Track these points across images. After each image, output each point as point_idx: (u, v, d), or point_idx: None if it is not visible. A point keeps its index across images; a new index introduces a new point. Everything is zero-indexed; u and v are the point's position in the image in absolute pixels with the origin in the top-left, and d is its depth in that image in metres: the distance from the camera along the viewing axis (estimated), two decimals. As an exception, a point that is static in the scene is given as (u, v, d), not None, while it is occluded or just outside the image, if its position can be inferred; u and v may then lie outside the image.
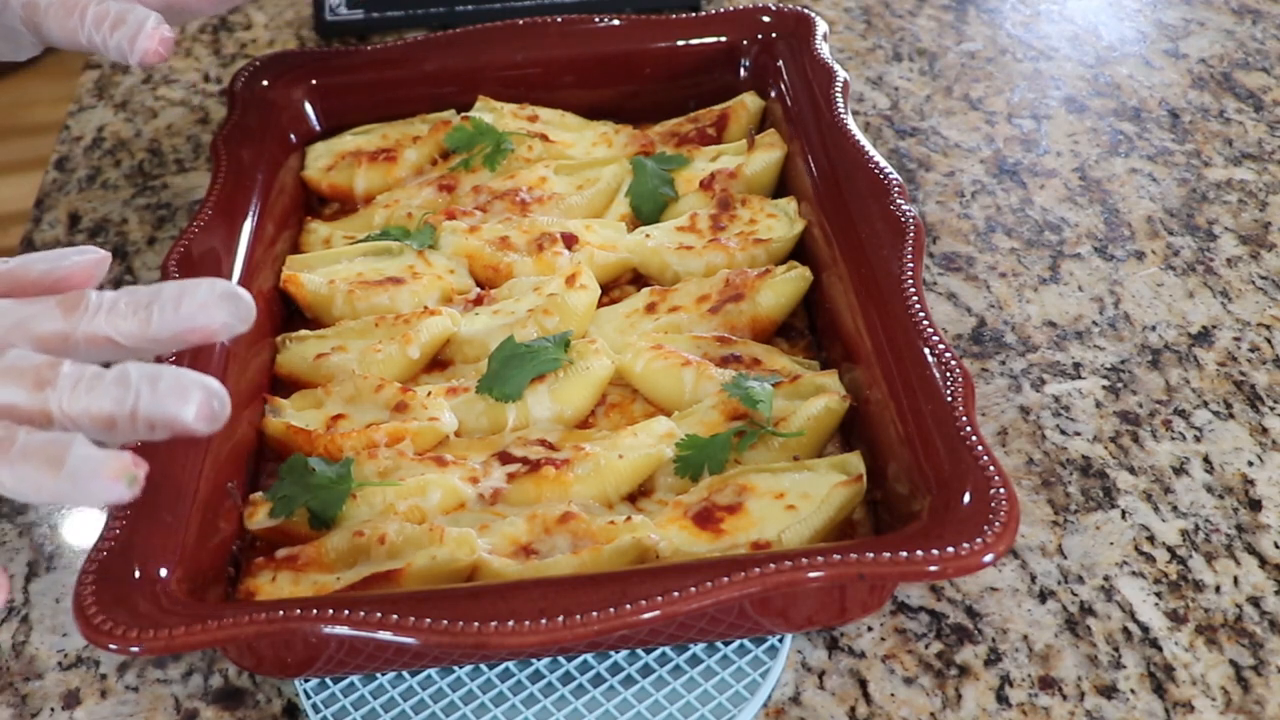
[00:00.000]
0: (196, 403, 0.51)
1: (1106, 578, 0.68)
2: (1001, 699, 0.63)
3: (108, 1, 0.73)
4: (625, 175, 0.89)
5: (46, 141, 1.32)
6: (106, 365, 0.53)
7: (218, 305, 0.53)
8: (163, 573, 0.60)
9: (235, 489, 0.69)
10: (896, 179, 0.78)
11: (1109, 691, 0.63)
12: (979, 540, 0.57)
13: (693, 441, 0.69)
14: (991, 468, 0.60)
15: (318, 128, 0.97)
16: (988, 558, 0.56)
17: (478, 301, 0.81)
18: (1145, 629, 0.65)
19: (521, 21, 0.98)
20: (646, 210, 0.87)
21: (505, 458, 0.70)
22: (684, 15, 0.98)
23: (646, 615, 0.55)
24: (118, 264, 0.94)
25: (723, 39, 0.97)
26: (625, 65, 0.97)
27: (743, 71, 0.97)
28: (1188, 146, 0.98)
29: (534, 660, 0.64)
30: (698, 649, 0.64)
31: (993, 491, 0.59)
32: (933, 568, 0.56)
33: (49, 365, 0.52)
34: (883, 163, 0.79)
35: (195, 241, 0.79)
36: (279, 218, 0.87)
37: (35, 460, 0.50)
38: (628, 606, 0.56)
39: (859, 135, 0.83)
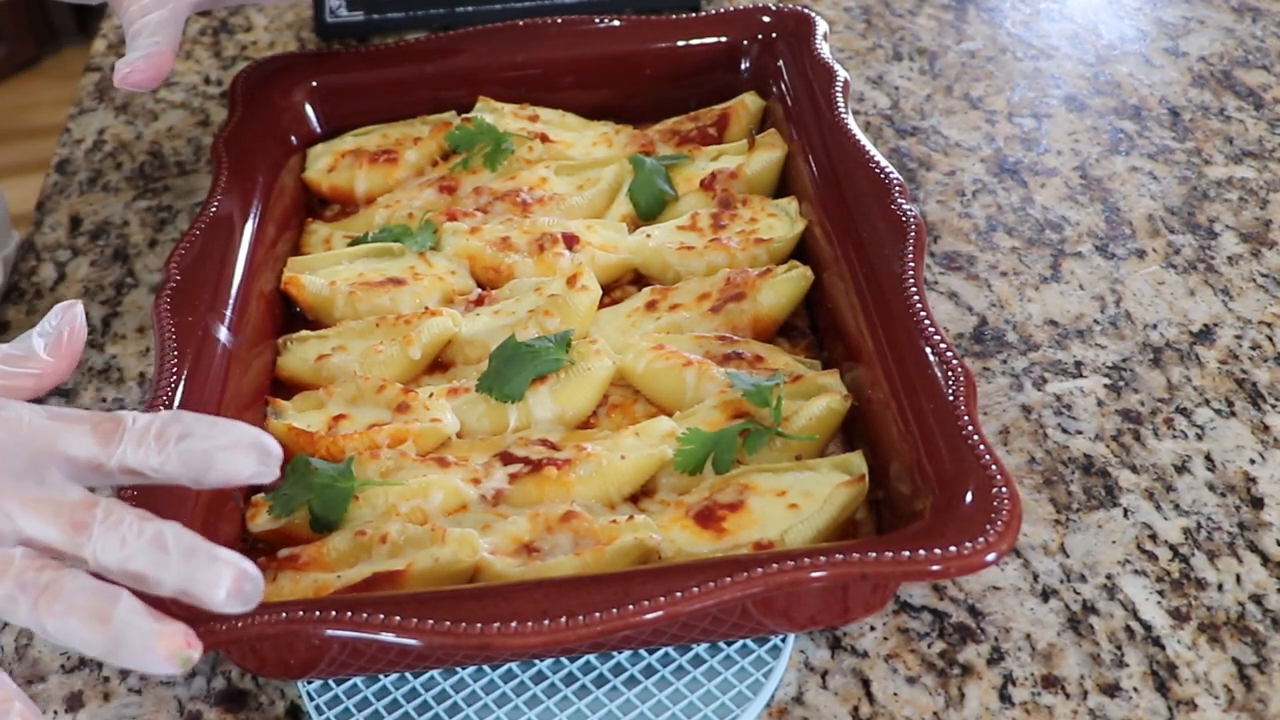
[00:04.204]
0: (227, 585, 0.51)
1: (1109, 576, 0.68)
2: (1004, 698, 0.63)
3: (140, 15, 0.77)
4: (626, 175, 0.89)
5: (47, 144, 1.32)
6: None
7: (247, 454, 0.53)
8: (165, 575, 0.60)
9: (237, 491, 0.69)
10: (897, 178, 0.78)
11: (1112, 690, 0.63)
12: (981, 539, 0.57)
13: (695, 435, 0.69)
14: (993, 467, 0.60)
15: (318, 129, 0.97)
16: (990, 557, 0.56)
17: (479, 302, 0.81)
18: (1148, 627, 0.65)
19: (522, 22, 0.98)
20: (646, 207, 0.87)
21: (507, 458, 0.70)
22: (684, 15, 0.98)
23: (649, 616, 0.56)
24: (119, 267, 0.94)
25: (723, 39, 0.97)
26: (625, 66, 0.97)
27: (743, 71, 0.97)
28: (1188, 145, 0.98)
29: (537, 661, 0.64)
30: (700, 649, 0.64)
31: (995, 490, 0.59)
32: (935, 567, 0.56)
33: (84, 506, 0.52)
34: (883, 162, 0.79)
35: (196, 244, 0.79)
36: (280, 219, 0.87)
37: (82, 614, 0.50)
38: (630, 607, 0.56)
39: (859, 135, 0.83)
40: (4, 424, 0.53)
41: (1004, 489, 0.59)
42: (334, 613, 0.56)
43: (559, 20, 0.98)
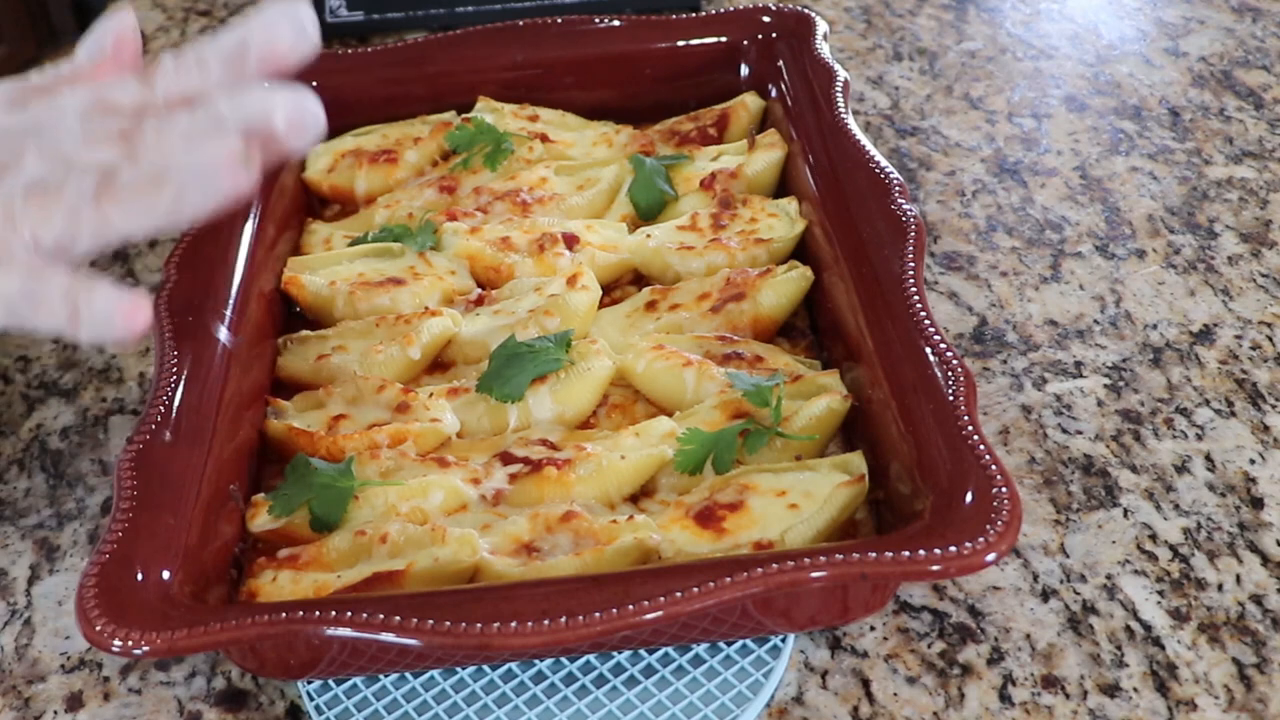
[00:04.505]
0: (283, 111, 0.51)
1: (1109, 576, 0.68)
2: (1004, 698, 0.63)
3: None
4: (626, 175, 0.89)
5: (47, 144, 1.32)
6: None
7: (279, 24, 0.53)
8: (165, 575, 0.60)
9: (237, 491, 0.69)
10: (897, 178, 0.78)
11: (1112, 690, 0.63)
12: (981, 539, 0.57)
13: (695, 435, 0.69)
14: (993, 467, 0.60)
15: (318, 129, 0.97)
16: (990, 557, 0.56)
17: (479, 302, 0.81)
18: (1148, 627, 0.65)
19: (522, 22, 0.98)
20: (646, 207, 0.87)
21: (507, 458, 0.70)
22: (684, 16, 0.98)
23: (649, 616, 0.56)
24: (119, 267, 0.94)
25: (723, 39, 0.97)
26: (625, 66, 0.97)
27: (743, 72, 0.97)
28: (1188, 145, 0.98)
29: (537, 661, 0.64)
30: (700, 649, 0.64)
31: (995, 490, 0.59)
32: (935, 567, 0.56)
33: (134, 124, 0.53)
34: (883, 162, 0.79)
35: (196, 243, 0.79)
36: (280, 219, 0.87)
37: (139, 186, 0.50)
38: (630, 607, 0.56)
39: (859, 135, 0.83)
40: (49, 96, 0.55)
41: (1004, 489, 0.59)
42: (334, 613, 0.56)
43: (559, 20, 0.98)
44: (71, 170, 0.53)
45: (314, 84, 0.96)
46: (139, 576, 0.59)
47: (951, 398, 0.64)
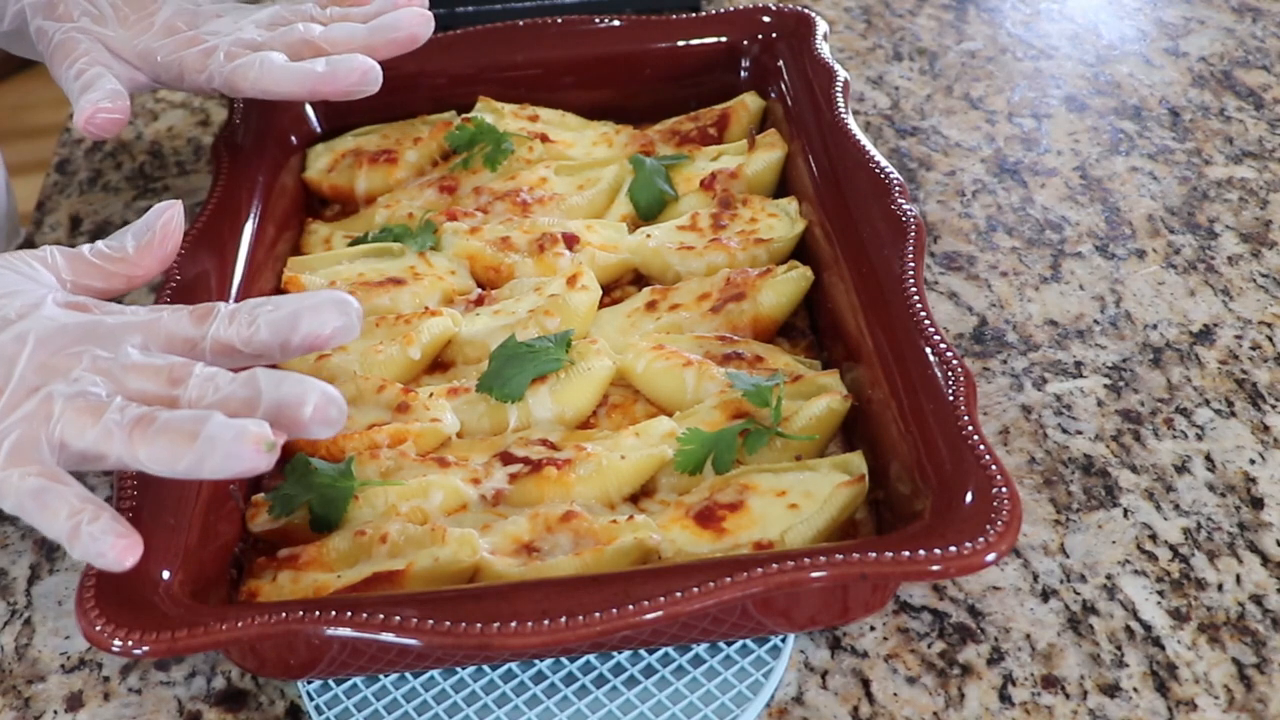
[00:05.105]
0: (314, 403, 0.55)
1: (1109, 576, 0.68)
2: (1004, 698, 0.63)
3: (88, 67, 0.79)
4: (626, 175, 0.89)
5: (47, 144, 1.32)
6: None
7: (329, 311, 0.58)
8: (165, 575, 0.60)
9: (237, 491, 0.69)
10: (897, 178, 0.78)
11: (1112, 690, 0.63)
12: (981, 539, 0.57)
13: (695, 435, 0.69)
14: (993, 467, 0.60)
15: (318, 129, 0.97)
16: (990, 557, 0.56)
17: (479, 302, 0.81)
18: (1148, 627, 0.65)
19: (522, 22, 0.98)
20: (646, 207, 0.87)
21: (507, 458, 0.70)
22: (684, 16, 0.98)
23: (649, 616, 0.56)
24: (119, 266, 0.94)
25: (723, 39, 0.97)
26: (625, 66, 0.97)
27: (743, 72, 0.97)
28: (1188, 145, 0.98)
29: (537, 661, 0.64)
30: (700, 649, 0.64)
31: (995, 491, 0.59)
32: (935, 567, 0.56)
33: (183, 365, 0.57)
34: (883, 162, 0.79)
35: (196, 243, 0.79)
36: (280, 219, 0.87)
37: (172, 434, 0.54)
38: (630, 607, 0.56)
39: (860, 135, 0.83)
40: (113, 313, 0.61)
41: (1004, 489, 0.59)
42: (334, 613, 0.56)
43: (559, 20, 0.98)
44: (117, 393, 0.57)
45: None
46: (138, 576, 0.59)
47: (951, 398, 0.64)
